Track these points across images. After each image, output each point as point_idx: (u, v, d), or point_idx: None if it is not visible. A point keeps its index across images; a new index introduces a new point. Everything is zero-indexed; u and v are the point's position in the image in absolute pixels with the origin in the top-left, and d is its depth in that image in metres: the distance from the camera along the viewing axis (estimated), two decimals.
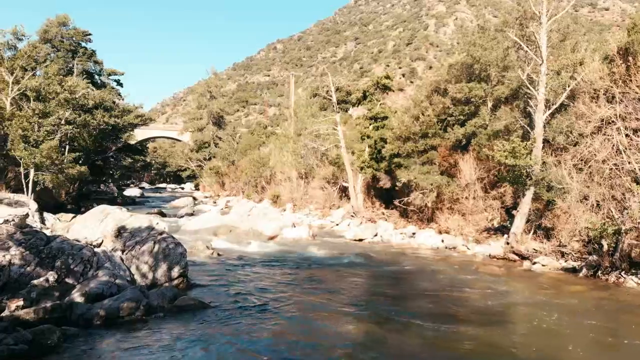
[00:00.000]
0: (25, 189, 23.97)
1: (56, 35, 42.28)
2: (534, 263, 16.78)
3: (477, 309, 11.25)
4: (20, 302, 8.96)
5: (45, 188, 26.72)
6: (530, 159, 17.08)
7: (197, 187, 71.88)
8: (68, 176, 27.87)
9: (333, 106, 29.91)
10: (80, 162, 33.90)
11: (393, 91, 30.25)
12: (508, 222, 20.21)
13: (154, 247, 12.28)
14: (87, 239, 12.79)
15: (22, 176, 24.08)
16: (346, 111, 37.25)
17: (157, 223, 13.58)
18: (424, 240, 21.41)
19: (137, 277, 11.83)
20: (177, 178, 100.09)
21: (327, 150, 33.58)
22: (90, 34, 44.51)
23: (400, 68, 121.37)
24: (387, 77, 28.44)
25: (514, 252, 17.84)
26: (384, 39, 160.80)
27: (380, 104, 28.50)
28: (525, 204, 18.07)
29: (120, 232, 13.04)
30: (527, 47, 18.56)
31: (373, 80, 28.89)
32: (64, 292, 9.87)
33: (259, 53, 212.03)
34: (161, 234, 12.97)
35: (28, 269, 9.86)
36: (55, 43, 42.48)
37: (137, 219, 13.65)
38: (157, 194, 67.44)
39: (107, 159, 45.78)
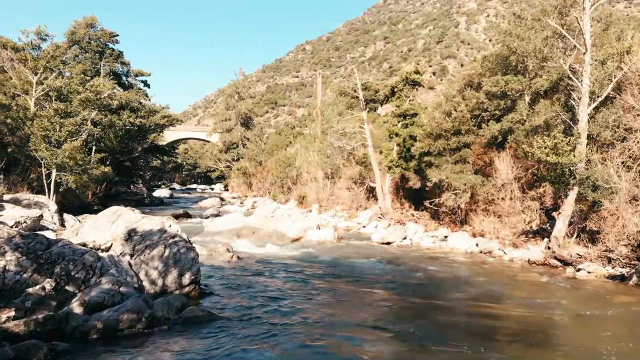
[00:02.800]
0: (46, 190, 23.71)
1: (84, 36, 42.38)
2: (578, 270, 15.38)
3: (517, 325, 10.00)
4: (12, 313, 8.21)
5: (70, 189, 26.47)
6: (574, 156, 15.67)
7: (226, 188, 71.78)
8: (92, 177, 27.58)
9: (360, 104, 28.81)
10: (107, 162, 33.76)
11: (423, 87, 28.93)
12: (548, 224, 18.80)
13: (164, 252, 11.45)
14: (95, 242, 12.04)
15: (44, 177, 23.82)
16: (374, 110, 36.12)
17: (170, 225, 12.74)
18: (457, 243, 20.13)
19: (145, 283, 11.01)
20: (207, 179, 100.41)
21: (354, 149, 32.52)
22: (117, 35, 44.51)
23: (430, 66, 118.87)
24: (417, 72, 27.11)
25: (555, 258, 16.46)
26: (413, 38, 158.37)
27: (409, 101, 27.24)
28: (568, 205, 16.65)
29: (130, 235, 12.24)
30: (569, 35, 17.17)
31: (402, 75, 27.63)
32: (63, 301, 9.09)
33: (288, 55, 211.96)
34: (173, 237, 12.14)
35: (24, 275, 9.12)
36: (82, 44, 42.60)
37: (149, 221, 12.85)
38: (187, 195, 67.50)
39: (134, 160, 45.72)
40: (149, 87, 49.55)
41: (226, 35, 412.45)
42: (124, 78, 46.79)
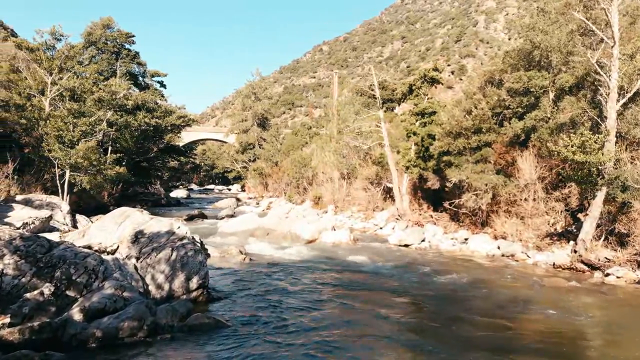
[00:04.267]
0: (60, 190, 23.53)
1: (100, 37, 42.46)
2: (607, 274, 14.62)
3: (543, 336, 9.30)
4: (7, 320, 7.79)
5: (85, 189, 26.30)
6: (603, 155, 14.86)
7: (243, 189, 71.68)
8: (106, 177, 27.39)
9: (377, 102, 28.15)
10: (123, 163, 33.65)
11: (442, 84, 28.12)
12: (573, 226, 17.97)
13: (171, 255, 10.98)
14: (101, 244, 11.65)
15: (57, 177, 23.64)
16: (392, 110, 35.43)
17: (179, 227, 12.29)
18: (478, 246, 19.36)
19: (151, 288, 10.55)
20: (224, 179, 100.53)
21: (370, 149, 31.83)
22: (133, 36, 44.53)
23: (449, 65, 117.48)
24: (436, 69, 26.31)
25: (582, 262, 15.66)
26: (431, 37, 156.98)
27: (427, 99, 26.47)
28: (596, 207, 15.82)
29: (137, 237, 11.82)
30: (596, 28, 16.38)
31: (420, 73, 26.89)
32: (64, 307, 8.65)
33: (305, 55, 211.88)
34: (181, 239, 11.68)
35: (23, 279, 8.72)
36: (99, 45, 42.70)
37: (157, 223, 12.42)
38: (204, 195, 67.50)
39: (151, 160, 45.68)
40: (165, 88, 49.61)
41: (243, 36, 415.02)
42: (140, 78, 46.82)
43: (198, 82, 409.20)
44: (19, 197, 19.44)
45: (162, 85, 49.48)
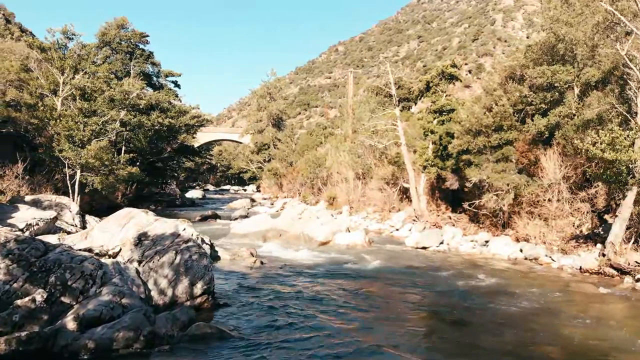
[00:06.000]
0: (70, 191, 23.18)
1: (114, 37, 42.28)
2: (638, 280, 13.69)
3: (574, 350, 8.52)
4: None
5: (96, 189, 25.94)
6: (634, 152, 13.97)
7: (258, 189, 71.44)
8: (118, 177, 27.01)
9: (393, 100, 27.35)
10: (137, 163, 33.37)
11: (460, 81, 27.21)
12: (600, 228, 17.04)
13: (175, 259, 10.39)
14: (102, 247, 11.14)
15: (67, 177, 23.29)
16: (408, 109, 34.61)
17: (184, 229, 11.75)
18: (499, 249, 18.50)
19: (154, 293, 9.97)
20: (240, 180, 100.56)
21: (386, 148, 31.03)
22: (147, 36, 44.27)
23: (466, 64, 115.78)
24: (454, 65, 25.44)
25: (611, 266, 14.77)
26: (448, 36, 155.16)
27: (445, 96, 25.61)
28: (626, 207, 14.92)
29: (140, 239, 11.28)
30: (624, 19, 15.49)
31: (437, 69, 26.04)
32: (58, 315, 8.11)
33: (321, 56, 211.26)
34: (186, 242, 11.10)
35: (14, 285, 8.18)
36: (113, 45, 42.53)
37: (161, 225, 11.87)
38: (219, 196, 67.27)
39: (165, 161, 45.41)
40: (179, 88, 49.28)
41: (260, 37, 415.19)
42: (154, 78, 46.56)
43: (215, 84, 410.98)
44: (27, 198, 19.08)
45: (177, 85, 49.23)
